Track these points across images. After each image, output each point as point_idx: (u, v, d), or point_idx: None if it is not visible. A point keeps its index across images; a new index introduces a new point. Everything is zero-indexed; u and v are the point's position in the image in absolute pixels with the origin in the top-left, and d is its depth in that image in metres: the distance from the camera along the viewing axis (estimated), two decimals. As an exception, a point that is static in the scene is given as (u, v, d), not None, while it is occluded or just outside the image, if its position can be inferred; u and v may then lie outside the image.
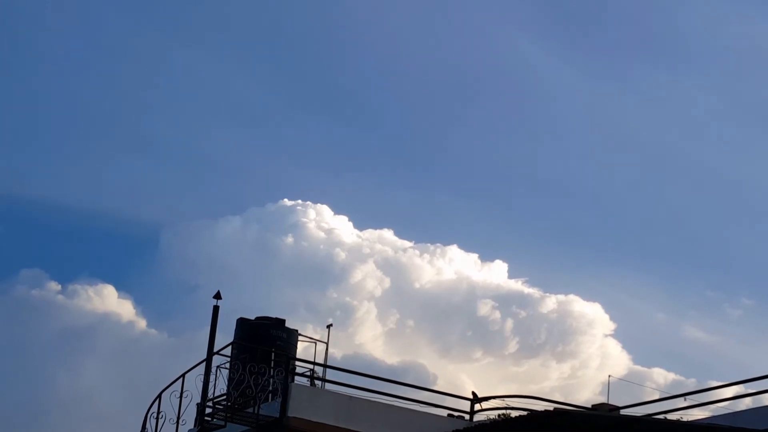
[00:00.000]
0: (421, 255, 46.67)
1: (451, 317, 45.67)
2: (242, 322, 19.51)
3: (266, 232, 45.72)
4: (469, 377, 44.26)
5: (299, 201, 47.27)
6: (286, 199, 47.29)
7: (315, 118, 49.52)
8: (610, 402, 19.57)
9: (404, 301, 45.64)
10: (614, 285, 47.77)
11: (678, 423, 13.93)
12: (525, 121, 49.10)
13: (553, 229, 49.14)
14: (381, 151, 50.69)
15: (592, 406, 18.96)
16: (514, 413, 17.63)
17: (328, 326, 21.33)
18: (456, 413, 18.66)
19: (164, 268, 46.70)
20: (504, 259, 48.43)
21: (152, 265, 47.49)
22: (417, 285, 45.95)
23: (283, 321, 19.51)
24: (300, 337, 20.09)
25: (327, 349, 20.74)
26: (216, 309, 17.49)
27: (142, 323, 45.38)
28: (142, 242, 48.90)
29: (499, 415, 18.19)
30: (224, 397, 17.59)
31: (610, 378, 22.27)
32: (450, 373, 45.09)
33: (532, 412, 16.20)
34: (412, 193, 49.40)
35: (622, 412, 18.22)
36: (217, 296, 17.44)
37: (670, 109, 47.54)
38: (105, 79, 47.22)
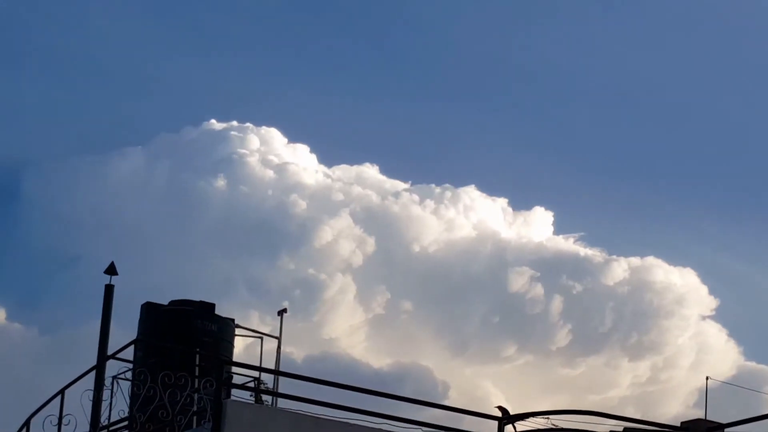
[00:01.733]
0: (421, 202, 46.94)
1: (469, 295, 46.05)
2: (150, 310, 19.65)
3: (183, 170, 45.81)
4: (497, 385, 44.79)
5: (234, 122, 47.31)
6: (213, 120, 47.31)
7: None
8: (710, 417, 19.84)
9: (397, 272, 45.96)
10: (716, 242, 48.27)
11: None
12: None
13: (622, 157, 49.45)
14: (359, 47, 50.70)
15: (682, 423, 19.24)
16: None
17: (281, 312, 21.48)
18: (477, 439, 18.91)
19: (28, 230, 46.80)
20: (548, 206, 48.74)
21: (10, 225, 47.54)
22: (416, 248, 46.25)
23: (212, 306, 19.65)
24: (239, 331, 20.25)
25: (279, 347, 20.91)
26: (109, 290, 17.60)
27: (-1, 315, 45.56)
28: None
29: (541, 441, 18.43)
30: (125, 422, 17.75)
31: (710, 381, 22.57)
32: (468, 380, 45.60)
33: (592, 436, 16.44)
34: (405, 107, 49.52)
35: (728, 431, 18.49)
36: (111, 271, 17.54)
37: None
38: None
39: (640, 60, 51.46)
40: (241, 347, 21.00)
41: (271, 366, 20.61)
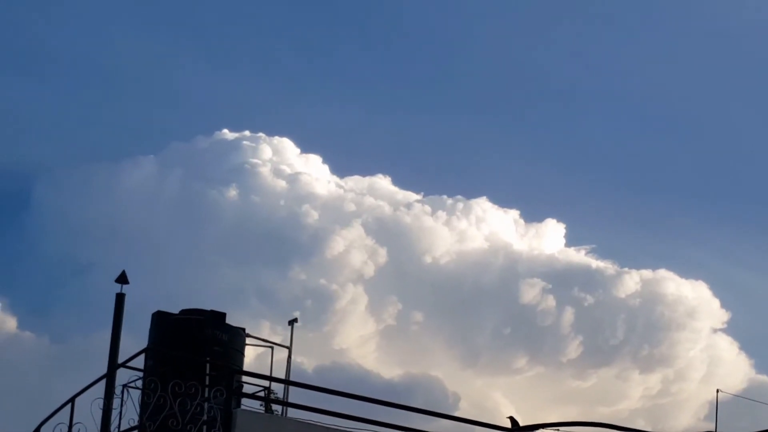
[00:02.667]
0: (433, 213, 47.00)
1: (481, 307, 46.06)
2: (161, 319, 19.69)
3: (196, 180, 45.92)
4: (507, 396, 44.78)
5: (247, 132, 47.42)
6: (226, 130, 47.43)
7: (272, 8, 49.53)
8: (721, 430, 19.88)
9: (409, 283, 45.99)
10: (728, 255, 48.23)
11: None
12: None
13: (633, 171, 49.43)
14: (373, 59, 50.78)
15: (692, 436, 19.27)
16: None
17: (292, 322, 21.52)
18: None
19: (39, 238, 46.92)
20: (560, 218, 48.78)
21: (22, 233, 47.68)
22: (428, 259, 46.30)
23: (223, 315, 19.67)
24: (249, 340, 20.28)
25: (290, 356, 20.95)
26: (120, 299, 17.61)
27: (11, 323, 45.65)
28: (6, 198, 49.06)
29: (551, 453, 18.47)
30: (136, 431, 17.80)
31: (721, 394, 22.58)
32: (478, 391, 45.60)
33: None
34: (417, 119, 49.58)
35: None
36: (122, 279, 17.56)
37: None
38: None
39: (651, 74, 51.57)
40: (253, 357, 21.07)
41: (282, 376, 20.66)
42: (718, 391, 22.12)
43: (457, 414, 20.61)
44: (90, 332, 41.02)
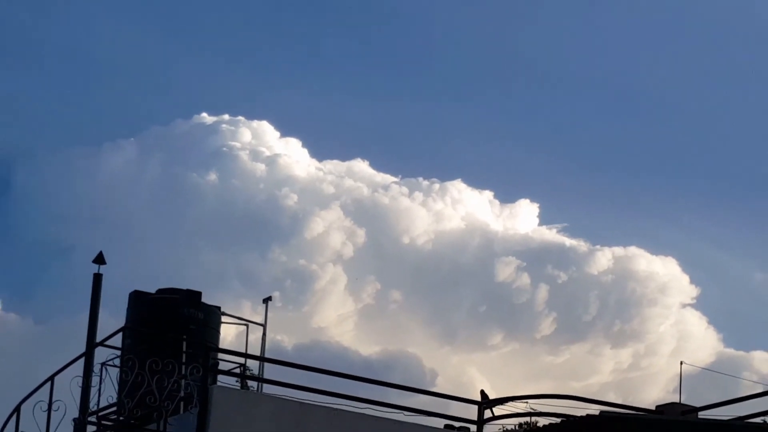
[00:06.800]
0: (410, 195, 47.11)
1: (457, 285, 46.24)
2: (138, 298, 19.75)
3: (175, 163, 45.94)
4: (483, 372, 45.03)
5: (226, 116, 47.39)
6: (205, 114, 47.43)
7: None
8: (689, 402, 19.97)
9: (387, 263, 46.13)
10: (696, 232, 48.54)
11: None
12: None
13: (604, 150, 49.67)
14: (351, 44, 50.85)
15: (657, 407, 19.39)
16: (542, 421, 18.03)
17: (266, 300, 21.64)
18: (458, 424, 19.07)
19: (21, 222, 46.96)
20: (533, 198, 48.98)
21: (3, 217, 47.66)
22: (405, 239, 46.42)
23: (199, 294, 19.76)
24: (225, 318, 20.38)
25: (264, 334, 21.05)
26: (98, 279, 17.67)
27: (-6, 305, 45.68)
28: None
29: (520, 425, 18.58)
30: (114, 408, 17.90)
31: (690, 368, 22.78)
32: (455, 368, 45.84)
33: (568, 419, 16.62)
34: (393, 104, 49.71)
35: (702, 415, 18.66)
36: (99, 260, 17.61)
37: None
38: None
39: (623, 54, 51.79)
40: (233, 335, 21.14)
41: (257, 352, 20.75)
42: (681, 363, 22.30)
43: (434, 389, 20.78)
44: (73, 313, 40.96)
